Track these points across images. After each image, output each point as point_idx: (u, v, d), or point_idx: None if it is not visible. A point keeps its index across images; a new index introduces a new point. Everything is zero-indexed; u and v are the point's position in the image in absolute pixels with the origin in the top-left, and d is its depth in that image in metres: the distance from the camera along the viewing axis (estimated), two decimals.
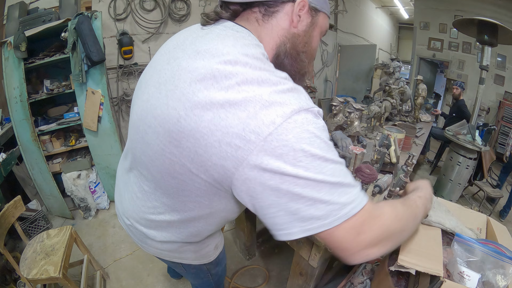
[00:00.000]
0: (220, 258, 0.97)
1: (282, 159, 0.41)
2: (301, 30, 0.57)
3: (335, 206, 0.43)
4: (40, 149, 2.09)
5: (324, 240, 0.47)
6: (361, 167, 0.97)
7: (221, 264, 1.02)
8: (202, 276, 0.99)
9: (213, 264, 0.94)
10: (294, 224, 0.44)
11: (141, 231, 0.72)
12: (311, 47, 0.62)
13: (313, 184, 0.42)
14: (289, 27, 0.56)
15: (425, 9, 5.72)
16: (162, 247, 0.75)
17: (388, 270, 0.87)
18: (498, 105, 4.82)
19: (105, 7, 2.81)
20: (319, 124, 0.45)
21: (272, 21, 0.55)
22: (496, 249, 0.72)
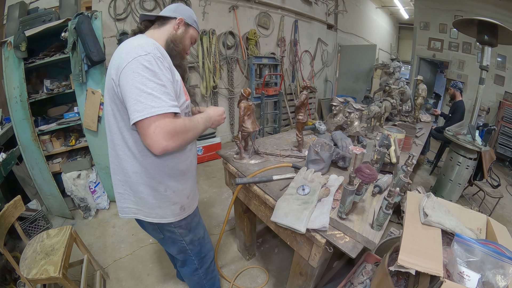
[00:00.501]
0: (193, 226, 1.18)
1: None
2: (179, 33, 1.05)
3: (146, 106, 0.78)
4: (40, 149, 2.09)
5: (139, 130, 0.81)
6: (361, 167, 0.97)
7: (196, 233, 1.20)
8: (179, 244, 1.17)
9: (183, 229, 1.13)
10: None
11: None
12: (184, 43, 1.07)
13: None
14: (173, 30, 1.04)
15: (425, 9, 5.72)
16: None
17: (388, 270, 0.87)
18: (498, 105, 4.82)
19: (105, 7, 2.81)
20: (145, 62, 0.81)
21: (163, 27, 1.04)
22: (496, 249, 0.72)
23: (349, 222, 0.98)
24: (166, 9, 1.08)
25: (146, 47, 0.84)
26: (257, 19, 4.29)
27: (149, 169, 0.96)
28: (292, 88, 4.99)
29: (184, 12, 1.07)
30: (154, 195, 1.01)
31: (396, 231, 2.14)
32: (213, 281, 1.42)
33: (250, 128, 1.39)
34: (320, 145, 1.42)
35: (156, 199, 1.02)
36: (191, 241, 1.19)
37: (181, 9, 1.07)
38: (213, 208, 2.59)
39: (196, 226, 1.21)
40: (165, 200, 1.03)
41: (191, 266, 1.29)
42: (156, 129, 0.78)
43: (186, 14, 1.06)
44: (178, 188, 1.05)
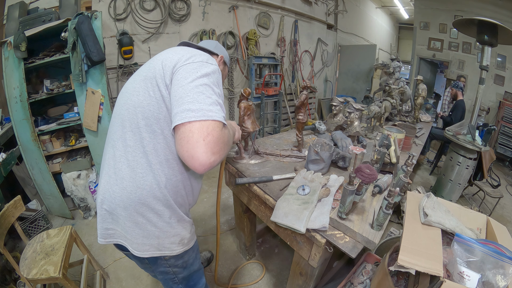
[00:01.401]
0: (189, 263, 0.99)
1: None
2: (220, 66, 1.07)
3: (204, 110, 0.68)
4: (40, 149, 2.09)
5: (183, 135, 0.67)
6: (361, 167, 0.97)
7: (191, 269, 1.01)
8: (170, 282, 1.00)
9: (179, 267, 0.96)
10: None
11: None
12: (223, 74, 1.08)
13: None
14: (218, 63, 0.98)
15: (425, 9, 5.72)
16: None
17: (388, 270, 0.87)
18: (498, 105, 4.82)
19: (105, 7, 2.81)
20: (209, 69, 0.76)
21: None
22: (496, 249, 0.72)
23: (349, 222, 0.98)
24: (206, 43, 1.08)
25: (211, 61, 0.80)
26: (257, 19, 4.28)
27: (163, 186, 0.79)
28: (292, 88, 4.99)
29: (223, 51, 1.11)
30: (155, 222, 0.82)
31: (396, 231, 2.14)
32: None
33: (250, 128, 1.39)
34: (320, 145, 1.42)
35: (156, 227, 0.82)
36: (184, 278, 1.03)
37: (220, 48, 1.11)
38: (213, 208, 2.59)
39: (193, 262, 1.04)
40: (167, 228, 0.84)
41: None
42: (207, 137, 0.64)
43: (224, 53, 1.11)
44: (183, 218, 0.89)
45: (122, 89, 0.88)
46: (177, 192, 0.84)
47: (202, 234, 2.21)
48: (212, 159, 0.65)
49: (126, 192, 0.78)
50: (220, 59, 1.08)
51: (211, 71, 0.75)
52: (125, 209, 0.79)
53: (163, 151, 0.77)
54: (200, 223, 2.35)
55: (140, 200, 0.78)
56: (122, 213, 0.80)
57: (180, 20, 3.38)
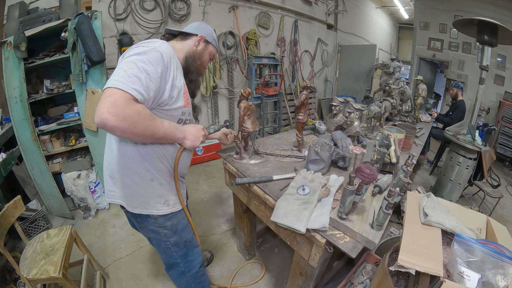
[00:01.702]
0: (179, 228, 1.15)
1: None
2: (198, 49, 1.14)
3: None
4: (40, 149, 2.09)
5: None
6: (361, 167, 0.97)
7: (182, 236, 1.17)
8: (163, 245, 1.15)
9: (168, 230, 1.12)
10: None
11: None
12: (202, 59, 1.16)
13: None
14: (193, 46, 1.13)
15: (425, 9, 5.72)
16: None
17: (388, 270, 0.87)
18: (498, 105, 4.82)
19: (105, 7, 2.81)
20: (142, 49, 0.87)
21: (185, 42, 1.13)
22: (496, 249, 0.72)
23: (349, 222, 0.98)
24: (189, 26, 1.18)
25: (153, 42, 0.90)
26: (257, 19, 4.28)
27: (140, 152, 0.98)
28: (292, 88, 4.99)
29: (205, 30, 1.16)
30: (140, 182, 1.01)
31: (396, 231, 2.14)
32: (203, 284, 1.36)
33: (250, 128, 1.39)
34: (320, 145, 1.42)
35: (141, 186, 1.01)
36: (176, 243, 1.16)
37: (203, 28, 1.17)
38: (213, 208, 2.59)
39: (183, 229, 1.17)
40: (150, 189, 1.02)
41: (177, 269, 1.26)
42: (107, 97, 0.74)
43: (206, 32, 1.16)
44: (166, 180, 1.06)
45: None
46: (152, 159, 1.00)
47: (202, 234, 2.21)
48: (106, 115, 0.72)
49: (116, 159, 1.00)
50: (199, 39, 1.13)
51: (141, 51, 0.85)
52: (118, 172, 1.01)
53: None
54: (200, 223, 2.36)
55: (125, 165, 0.99)
56: (117, 175, 1.02)
57: (180, 20, 3.38)
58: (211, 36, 1.19)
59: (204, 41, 1.15)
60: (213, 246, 2.09)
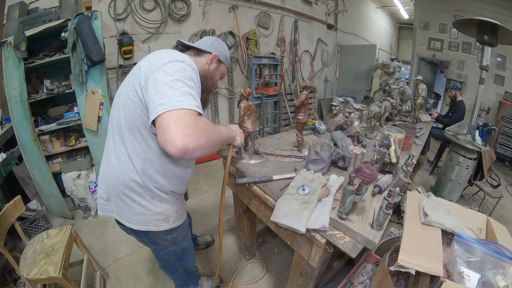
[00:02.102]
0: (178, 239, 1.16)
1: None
2: (211, 68, 1.11)
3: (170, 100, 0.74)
4: (40, 149, 2.09)
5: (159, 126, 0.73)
6: (361, 167, 0.97)
7: (180, 245, 1.19)
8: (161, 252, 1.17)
9: (168, 242, 1.13)
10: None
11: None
12: (214, 79, 1.14)
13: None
14: (205, 65, 1.09)
15: (425, 9, 5.72)
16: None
17: (388, 270, 0.87)
18: (498, 105, 4.82)
19: (105, 7, 2.81)
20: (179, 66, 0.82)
21: (198, 58, 1.09)
22: (496, 249, 0.72)
23: (349, 222, 0.98)
24: (203, 41, 1.14)
25: (183, 57, 0.87)
26: (257, 19, 4.28)
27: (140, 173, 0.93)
28: (292, 88, 4.99)
29: (219, 49, 1.13)
30: (139, 201, 0.97)
31: (396, 231, 2.14)
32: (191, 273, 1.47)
33: (250, 128, 1.39)
34: (320, 145, 1.42)
35: (140, 205, 0.97)
36: (175, 251, 1.19)
37: (217, 46, 1.13)
38: (213, 208, 2.59)
39: (182, 239, 1.19)
40: (150, 207, 0.99)
41: (171, 269, 1.32)
42: (177, 120, 0.70)
43: (220, 51, 1.12)
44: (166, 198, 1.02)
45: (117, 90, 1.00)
46: (155, 179, 0.97)
47: (203, 233, 2.21)
48: (184, 140, 0.70)
49: (114, 176, 0.95)
50: (213, 58, 1.10)
51: (181, 68, 0.81)
52: (114, 189, 0.97)
53: (140, 145, 0.91)
54: (200, 223, 2.36)
55: (124, 183, 0.94)
56: (113, 192, 0.98)
57: (180, 20, 3.38)
58: (224, 55, 1.16)
59: (217, 61, 1.12)
60: (213, 246, 2.09)
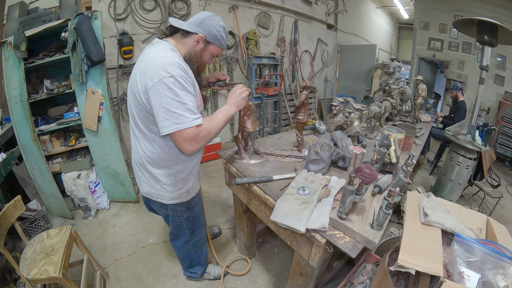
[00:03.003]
0: (192, 205, 1.36)
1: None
2: (197, 49, 1.11)
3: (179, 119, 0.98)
4: (40, 149, 2.09)
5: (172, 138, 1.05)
6: (361, 167, 0.97)
7: (193, 211, 1.38)
8: (177, 219, 1.35)
9: (184, 206, 1.32)
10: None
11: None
12: (201, 60, 1.14)
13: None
14: (192, 46, 1.10)
15: (425, 9, 5.72)
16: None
17: (388, 270, 0.87)
18: (498, 105, 4.81)
19: (105, 7, 2.81)
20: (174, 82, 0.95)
21: (185, 39, 1.10)
22: (496, 249, 0.72)
23: (349, 222, 0.98)
24: (194, 19, 1.10)
25: (170, 68, 0.95)
26: (257, 19, 4.28)
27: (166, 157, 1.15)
28: (292, 88, 4.99)
29: (208, 28, 1.08)
30: (170, 179, 1.19)
31: (396, 231, 2.14)
32: (200, 253, 1.60)
33: (250, 128, 1.39)
34: (320, 145, 1.42)
35: (168, 185, 1.20)
36: (188, 218, 1.37)
37: (206, 24, 1.08)
38: (213, 208, 2.59)
39: (195, 205, 1.39)
40: (176, 185, 1.21)
41: (182, 239, 1.46)
42: (182, 140, 0.99)
43: (208, 30, 1.08)
44: (186, 170, 1.23)
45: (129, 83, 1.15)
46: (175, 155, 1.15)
47: None
48: (191, 148, 1.03)
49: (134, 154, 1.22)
50: (199, 38, 1.08)
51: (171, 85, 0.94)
52: (135, 166, 1.25)
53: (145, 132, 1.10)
54: None
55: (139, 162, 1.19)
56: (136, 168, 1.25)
57: None
58: (213, 35, 1.09)
59: (204, 41, 1.10)
60: (213, 246, 2.09)
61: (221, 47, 1.15)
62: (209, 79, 1.41)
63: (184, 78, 0.98)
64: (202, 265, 1.66)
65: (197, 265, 1.63)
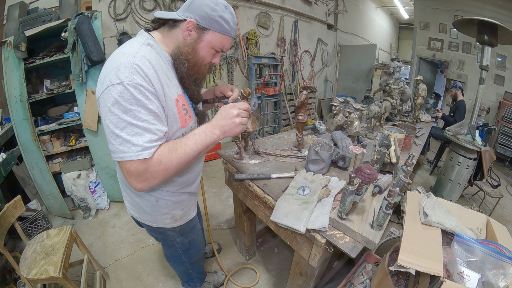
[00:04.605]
0: (186, 231, 1.18)
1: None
2: (188, 42, 0.81)
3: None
4: (40, 149, 2.09)
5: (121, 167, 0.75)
6: (361, 167, 0.97)
7: (187, 236, 1.20)
8: (169, 243, 1.19)
9: (176, 232, 1.14)
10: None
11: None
12: (196, 56, 0.83)
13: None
14: (182, 38, 0.81)
15: (425, 9, 5.72)
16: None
17: (388, 270, 0.87)
18: (498, 105, 4.82)
19: (105, 7, 2.81)
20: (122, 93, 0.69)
21: (173, 31, 0.82)
22: (496, 249, 0.72)
23: (349, 222, 0.98)
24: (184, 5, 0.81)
25: (122, 71, 0.69)
26: (257, 19, 4.28)
27: None
28: (292, 88, 4.99)
29: (199, 8, 0.77)
30: (145, 204, 1.01)
31: (396, 231, 2.14)
32: (198, 268, 1.51)
33: (250, 128, 1.39)
34: (320, 145, 1.42)
35: (147, 207, 1.02)
36: (182, 242, 1.21)
37: (196, 5, 0.78)
38: (213, 208, 2.59)
39: (190, 231, 1.21)
40: (156, 209, 1.02)
41: (178, 260, 1.34)
42: (127, 172, 0.73)
43: (200, 12, 0.78)
44: (171, 200, 1.02)
45: None
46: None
47: None
48: (140, 185, 0.76)
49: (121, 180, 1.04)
50: (188, 25, 0.78)
51: (118, 95, 0.68)
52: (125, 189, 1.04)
53: None
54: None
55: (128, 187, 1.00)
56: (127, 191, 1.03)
57: None
58: (209, 17, 0.78)
59: (196, 29, 0.79)
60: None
61: (225, 33, 0.81)
62: (215, 92, 1.11)
63: (141, 87, 0.70)
64: (200, 277, 1.59)
65: (196, 277, 1.55)
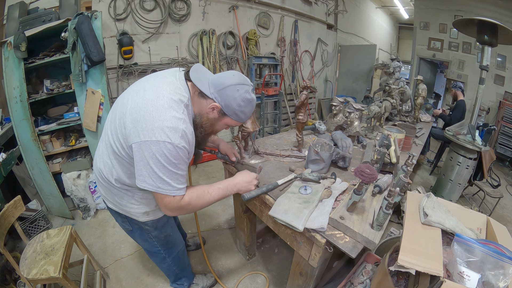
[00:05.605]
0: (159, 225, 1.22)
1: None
2: (209, 117, 0.98)
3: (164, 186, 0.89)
4: (40, 149, 2.09)
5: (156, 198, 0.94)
6: (361, 167, 0.97)
7: (162, 231, 1.25)
8: (145, 236, 1.23)
9: (149, 226, 1.19)
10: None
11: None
12: (212, 129, 1.02)
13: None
14: (206, 111, 0.96)
15: (425, 9, 5.72)
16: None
17: (388, 270, 0.87)
18: (498, 105, 4.81)
19: (105, 7, 2.81)
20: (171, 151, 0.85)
21: (201, 100, 0.96)
22: (496, 249, 0.72)
23: (349, 222, 0.98)
24: (216, 79, 0.94)
25: (172, 133, 0.83)
26: (257, 19, 4.28)
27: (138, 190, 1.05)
28: (292, 88, 4.99)
29: (227, 99, 0.92)
30: (121, 196, 1.08)
31: (396, 231, 2.14)
32: (183, 265, 1.51)
33: (250, 128, 1.39)
34: (320, 145, 1.42)
35: (123, 199, 1.09)
36: (157, 236, 1.25)
37: (226, 94, 0.92)
38: (213, 208, 2.59)
39: (163, 226, 1.26)
40: (132, 201, 1.09)
41: (158, 256, 1.36)
42: (161, 203, 0.93)
43: (227, 101, 0.92)
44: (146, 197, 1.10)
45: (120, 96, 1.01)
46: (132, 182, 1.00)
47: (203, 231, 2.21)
48: (170, 214, 0.98)
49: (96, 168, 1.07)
50: (214, 107, 0.94)
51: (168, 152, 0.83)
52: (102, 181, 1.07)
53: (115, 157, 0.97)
54: (199, 223, 2.35)
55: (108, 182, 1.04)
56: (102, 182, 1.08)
57: (180, 20, 3.38)
58: (232, 110, 0.94)
59: (219, 112, 0.95)
60: (213, 246, 2.09)
61: (240, 121, 1.01)
62: (218, 146, 1.41)
63: (184, 149, 0.87)
64: (188, 277, 1.59)
65: (183, 277, 1.56)
